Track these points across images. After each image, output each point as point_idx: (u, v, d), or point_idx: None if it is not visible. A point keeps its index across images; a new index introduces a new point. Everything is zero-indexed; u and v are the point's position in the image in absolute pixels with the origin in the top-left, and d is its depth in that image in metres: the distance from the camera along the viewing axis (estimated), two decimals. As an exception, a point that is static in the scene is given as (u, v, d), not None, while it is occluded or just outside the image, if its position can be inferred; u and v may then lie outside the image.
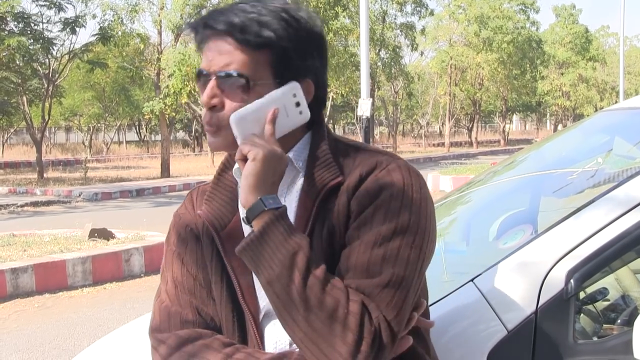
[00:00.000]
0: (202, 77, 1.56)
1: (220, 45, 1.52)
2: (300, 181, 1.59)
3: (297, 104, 1.53)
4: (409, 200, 1.49)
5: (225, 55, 1.52)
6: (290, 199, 1.59)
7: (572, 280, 1.87)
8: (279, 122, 1.52)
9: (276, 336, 1.59)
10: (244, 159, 1.48)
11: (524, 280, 1.92)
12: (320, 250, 1.51)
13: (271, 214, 1.44)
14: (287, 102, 1.53)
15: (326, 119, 1.73)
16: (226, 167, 1.71)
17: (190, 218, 1.71)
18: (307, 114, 1.55)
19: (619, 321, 2.31)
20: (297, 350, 1.51)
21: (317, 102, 1.61)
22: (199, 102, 37.37)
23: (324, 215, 1.53)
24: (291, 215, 1.56)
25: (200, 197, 1.74)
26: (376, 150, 1.61)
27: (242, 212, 1.52)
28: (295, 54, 1.53)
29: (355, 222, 1.49)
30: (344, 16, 32.44)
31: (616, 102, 45.47)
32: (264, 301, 1.59)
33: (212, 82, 1.53)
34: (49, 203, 19.02)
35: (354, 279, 1.44)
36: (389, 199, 1.48)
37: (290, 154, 1.58)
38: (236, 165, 1.60)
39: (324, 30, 1.60)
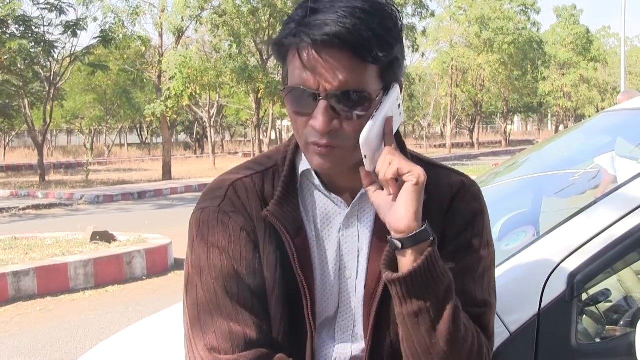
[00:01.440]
0: (305, 96, 1.38)
1: (334, 58, 1.34)
2: None
3: (399, 106, 1.46)
4: (489, 226, 1.58)
5: (342, 71, 1.35)
6: (367, 210, 1.55)
7: (574, 282, 1.87)
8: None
9: (335, 352, 1.56)
10: (395, 179, 1.38)
11: (526, 282, 1.92)
12: None
13: (432, 244, 1.39)
14: (394, 107, 1.44)
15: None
16: (291, 169, 1.55)
17: (243, 219, 1.50)
18: (403, 113, 1.48)
19: (621, 323, 2.30)
20: None
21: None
22: (200, 104, 37.17)
23: None
24: (368, 227, 1.54)
25: (251, 195, 1.53)
26: (444, 166, 1.62)
27: (334, 222, 1.53)
28: (401, 61, 1.44)
29: (452, 246, 1.51)
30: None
31: (617, 102, 45.39)
32: (321, 317, 1.55)
33: (325, 104, 1.36)
34: (50, 206, 19.02)
35: (464, 306, 1.46)
36: (482, 227, 1.54)
37: None
38: (302, 168, 1.53)
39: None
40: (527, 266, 1.94)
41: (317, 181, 1.53)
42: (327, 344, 1.55)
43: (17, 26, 24.88)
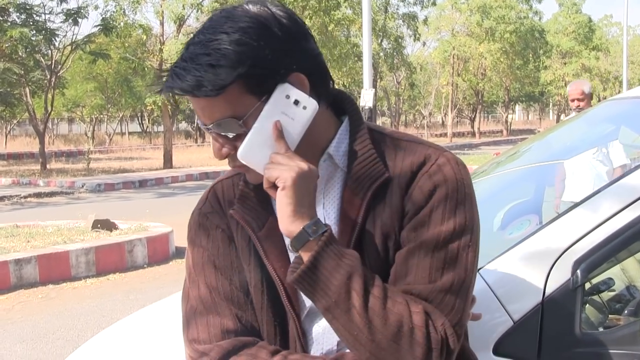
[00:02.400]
0: (207, 131, 1.49)
1: (197, 102, 1.45)
2: (340, 176, 1.54)
3: (296, 102, 1.44)
4: (463, 197, 1.46)
5: (205, 110, 1.45)
6: (331, 197, 1.54)
7: (578, 271, 1.86)
8: (289, 131, 1.44)
9: (322, 338, 1.55)
10: (274, 187, 1.42)
11: (530, 270, 1.91)
12: (375, 251, 1.48)
13: (318, 242, 1.39)
14: (284, 108, 1.43)
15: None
16: None
17: (219, 217, 1.62)
18: (313, 104, 1.45)
19: (625, 312, 2.30)
20: (348, 351, 1.48)
21: (321, 83, 1.50)
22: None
23: (374, 214, 1.48)
24: (334, 213, 1.53)
25: (227, 193, 1.64)
26: (415, 140, 1.55)
27: (286, 239, 1.49)
28: (265, 66, 1.42)
29: (411, 223, 1.46)
30: (345, 6, 32.37)
31: (619, 91, 45.34)
32: (307, 302, 1.54)
33: (213, 136, 1.48)
34: (52, 194, 19.02)
35: (415, 284, 1.42)
36: (445, 198, 1.44)
37: (330, 149, 1.52)
38: None
39: (274, 13, 1.45)
40: (531, 255, 1.94)
41: None
42: (314, 330, 1.56)
43: (18, 14, 24.83)
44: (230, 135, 1.46)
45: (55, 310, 7.28)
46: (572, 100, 6.88)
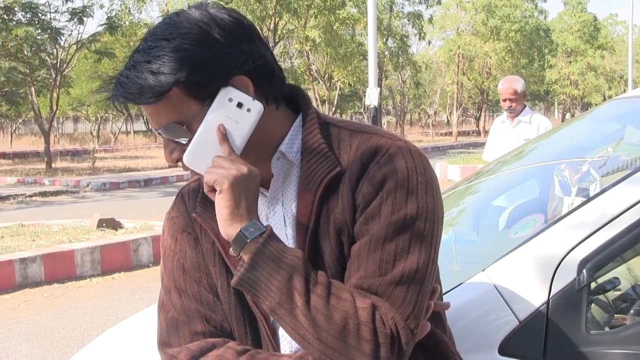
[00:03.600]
0: (159, 135, 1.51)
1: (143, 108, 1.47)
2: (295, 173, 1.53)
3: (240, 105, 1.43)
4: (415, 186, 1.42)
5: (152, 116, 1.47)
6: (289, 194, 1.53)
7: (584, 270, 1.86)
8: (233, 134, 1.44)
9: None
10: (213, 190, 1.42)
11: (535, 270, 1.91)
12: (330, 247, 1.47)
13: (256, 244, 1.38)
14: (227, 111, 1.43)
15: (334, 109, 1.67)
16: None
17: (185, 221, 1.63)
18: (257, 106, 1.44)
19: (631, 311, 2.29)
20: None
21: (268, 84, 1.49)
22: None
23: (328, 209, 1.47)
24: (292, 210, 1.52)
25: (192, 196, 1.65)
26: (370, 130, 1.52)
27: (264, 212, 1.50)
28: (205, 71, 1.42)
29: (362, 216, 1.43)
30: (350, 5, 32.37)
31: (625, 90, 45.22)
32: None
33: (164, 139, 1.50)
34: (57, 193, 19.05)
35: (366, 278, 1.40)
36: (395, 189, 1.41)
37: (282, 147, 1.52)
38: None
39: (212, 16, 1.45)
40: (537, 254, 1.93)
41: None
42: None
43: (23, 13, 24.86)
44: (179, 140, 1.47)
45: (61, 309, 7.29)
46: (504, 100, 6.49)
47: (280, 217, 1.55)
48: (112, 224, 10.43)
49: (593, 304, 2.25)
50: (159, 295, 1.65)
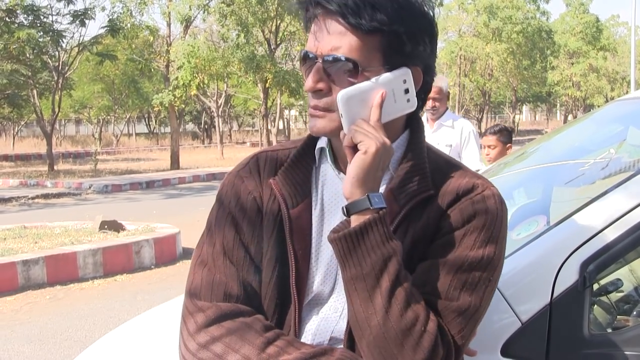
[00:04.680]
0: (307, 60, 1.48)
1: (330, 25, 1.44)
2: (385, 178, 1.54)
3: (406, 91, 1.48)
4: (497, 233, 1.49)
5: (334, 37, 1.44)
6: None
7: (586, 272, 1.85)
8: (385, 107, 1.46)
9: (316, 328, 1.56)
10: (353, 147, 1.43)
11: (538, 271, 1.91)
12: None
13: (375, 213, 1.40)
14: (396, 87, 1.47)
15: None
16: (308, 146, 1.64)
17: (254, 184, 1.62)
18: (414, 102, 1.50)
19: (634, 313, 2.29)
20: (340, 347, 1.49)
21: (423, 91, 1.55)
22: (208, 94, 37.12)
23: (409, 223, 1.50)
24: None
25: (268, 165, 1.64)
26: (467, 170, 1.58)
27: (342, 201, 1.49)
28: (407, 39, 1.45)
29: (442, 239, 1.48)
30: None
31: (627, 92, 45.19)
32: (312, 291, 1.56)
33: (319, 66, 1.46)
34: (59, 195, 19.07)
35: (431, 295, 1.44)
36: (481, 227, 1.47)
37: None
38: (319, 145, 1.59)
39: (434, 15, 1.51)
40: (539, 255, 1.93)
41: (329, 159, 1.59)
42: (311, 319, 1.57)
43: (25, 15, 24.92)
44: (336, 75, 1.46)
45: (63, 311, 7.29)
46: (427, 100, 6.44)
47: None
48: (114, 226, 10.43)
49: (595, 306, 2.25)
50: (198, 245, 1.62)
